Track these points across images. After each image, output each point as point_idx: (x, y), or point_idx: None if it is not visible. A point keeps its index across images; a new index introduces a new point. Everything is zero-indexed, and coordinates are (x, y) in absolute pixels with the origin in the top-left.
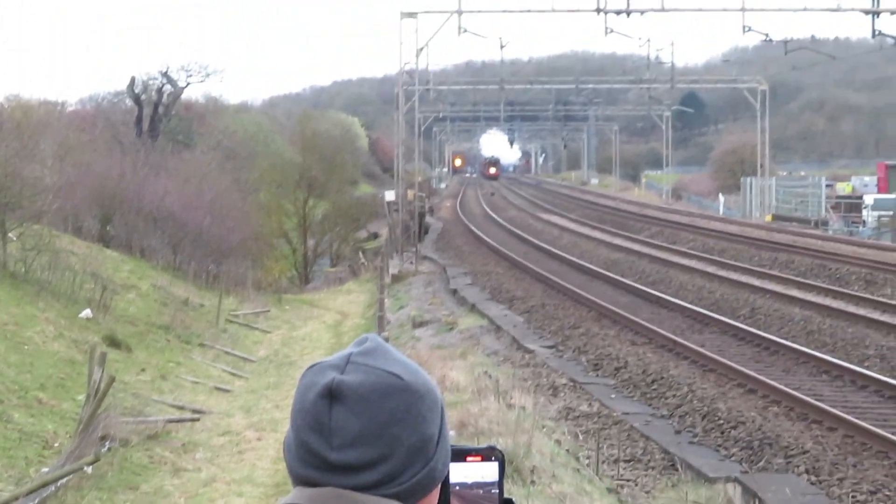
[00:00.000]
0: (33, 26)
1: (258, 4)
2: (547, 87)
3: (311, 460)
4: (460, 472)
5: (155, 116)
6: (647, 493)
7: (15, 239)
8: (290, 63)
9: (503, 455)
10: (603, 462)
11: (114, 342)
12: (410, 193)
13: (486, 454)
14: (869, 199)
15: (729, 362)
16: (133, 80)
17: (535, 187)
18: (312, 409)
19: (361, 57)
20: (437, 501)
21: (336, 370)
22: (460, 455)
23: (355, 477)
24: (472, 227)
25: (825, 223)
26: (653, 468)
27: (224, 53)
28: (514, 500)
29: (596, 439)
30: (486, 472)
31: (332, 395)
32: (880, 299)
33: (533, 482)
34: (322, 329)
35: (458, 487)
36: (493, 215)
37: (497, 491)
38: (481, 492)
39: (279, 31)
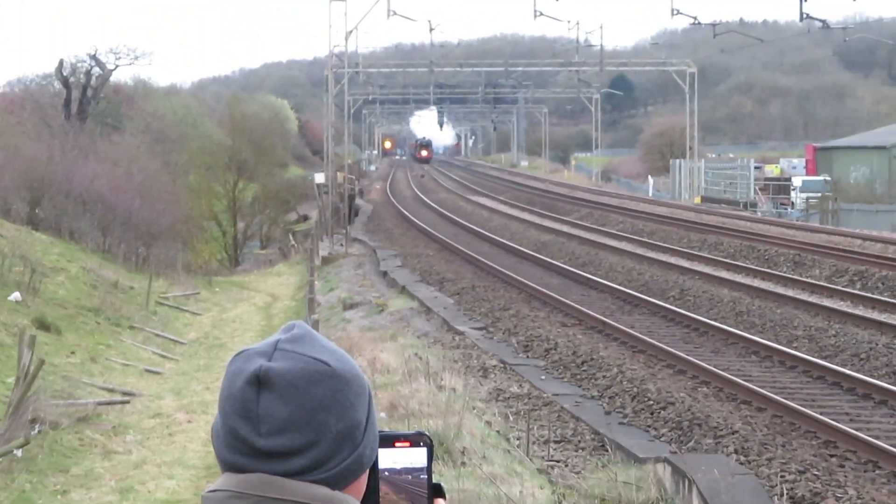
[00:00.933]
0: None
1: None
2: (476, 70)
3: (239, 447)
4: (389, 458)
5: (83, 99)
6: (577, 473)
7: None
8: (220, 45)
9: (431, 440)
10: (533, 443)
11: (43, 325)
12: (340, 176)
13: (415, 440)
14: (797, 182)
15: (658, 343)
16: (61, 63)
17: (465, 169)
18: (240, 396)
19: (291, 39)
20: (365, 487)
21: (263, 357)
22: (389, 441)
23: (284, 463)
24: (403, 210)
25: (754, 205)
26: (583, 449)
27: (153, 36)
28: (442, 484)
29: (526, 420)
30: (414, 457)
31: (260, 381)
32: (808, 280)
33: (464, 463)
34: (252, 311)
35: (386, 473)
36: (424, 197)
37: (426, 476)
38: (410, 477)
39: (208, 12)
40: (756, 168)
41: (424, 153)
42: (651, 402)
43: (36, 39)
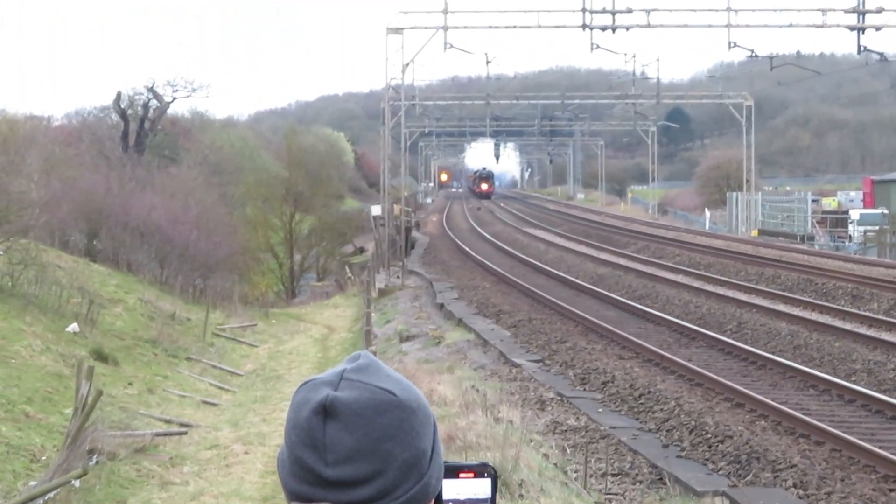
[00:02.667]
0: (20, 40)
1: (245, 20)
2: (533, 103)
3: (305, 476)
4: (453, 489)
5: (141, 131)
6: None
7: (2, 253)
8: (276, 78)
9: (496, 472)
10: (591, 476)
11: (101, 356)
12: (397, 208)
13: (479, 470)
14: (855, 215)
15: (716, 377)
16: (119, 95)
17: (522, 202)
18: (307, 426)
19: (347, 72)
20: None
21: (330, 387)
22: (453, 471)
23: (350, 492)
24: (459, 242)
25: (811, 238)
26: (640, 482)
27: (210, 68)
28: None
29: (584, 453)
30: (478, 488)
31: (326, 411)
32: (867, 314)
33: (521, 496)
34: (309, 343)
35: (451, 503)
36: (480, 230)
37: None
38: None
39: (265, 45)
40: (813, 201)
41: (485, 186)
42: (709, 436)
43: (94, 71)
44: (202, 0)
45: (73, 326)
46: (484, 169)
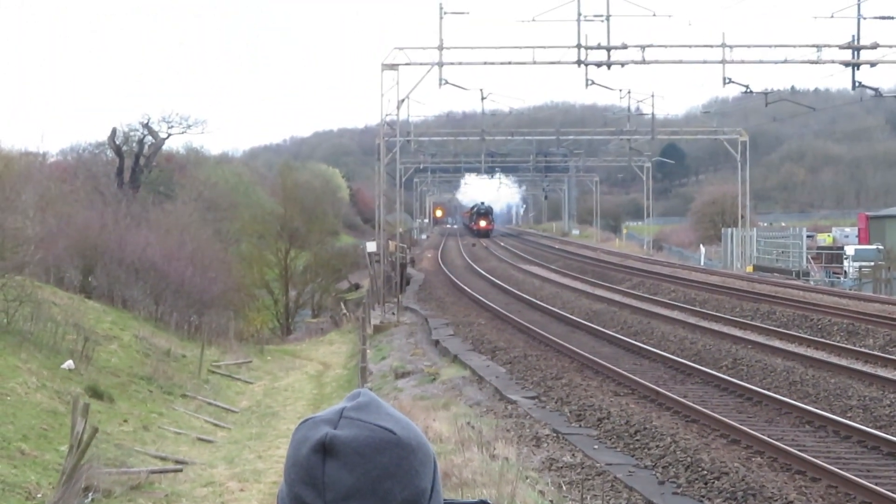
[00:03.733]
0: (15, 76)
1: (239, 56)
2: (528, 138)
3: None
4: None
5: (136, 167)
6: None
7: None
8: (271, 114)
9: None
10: None
11: (96, 393)
12: (392, 244)
13: None
14: (850, 250)
15: (712, 413)
16: (114, 131)
17: (516, 238)
18: (306, 464)
19: (342, 108)
20: None
21: (329, 425)
22: None
23: None
24: (454, 278)
25: (806, 274)
26: None
27: (205, 104)
28: None
29: (580, 490)
30: None
31: (326, 449)
32: (862, 350)
33: None
34: (304, 380)
35: None
36: (475, 266)
37: None
38: None
39: (260, 81)
40: (808, 237)
41: (483, 223)
42: (705, 472)
43: (89, 107)
44: (198, 35)
45: (69, 363)
46: (482, 204)
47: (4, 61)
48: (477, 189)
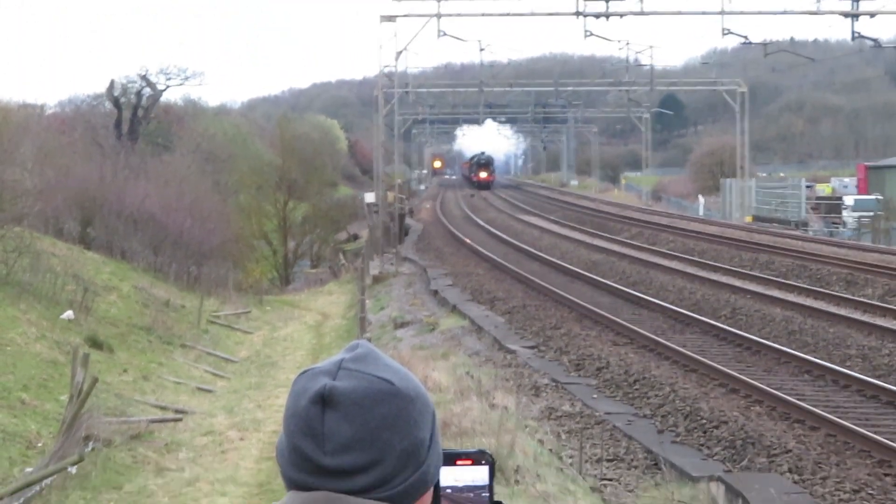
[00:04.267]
0: (9, 28)
1: (239, 8)
2: (526, 90)
3: (304, 465)
4: (451, 476)
5: (134, 119)
6: (630, 492)
7: None
8: (269, 66)
9: (493, 459)
10: (586, 461)
11: (96, 343)
12: (390, 195)
13: (477, 458)
14: (849, 200)
15: (711, 362)
16: (112, 84)
17: (515, 189)
18: (305, 415)
19: (340, 59)
20: None
21: (328, 376)
22: (451, 459)
23: (348, 481)
24: (453, 229)
25: (805, 224)
26: (636, 467)
27: (204, 56)
28: (503, 503)
29: (579, 439)
30: (476, 475)
31: (325, 400)
32: (861, 299)
33: (517, 482)
34: (303, 330)
35: (448, 491)
36: (473, 217)
37: (487, 494)
38: (472, 495)
39: (258, 33)
40: (807, 187)
41: (484, 174)
42: (704, 421)
43: (87, 59)
44: None
45: (68, 314)
46: (483, 154)
47: (3, 13)
48: (475, 140)
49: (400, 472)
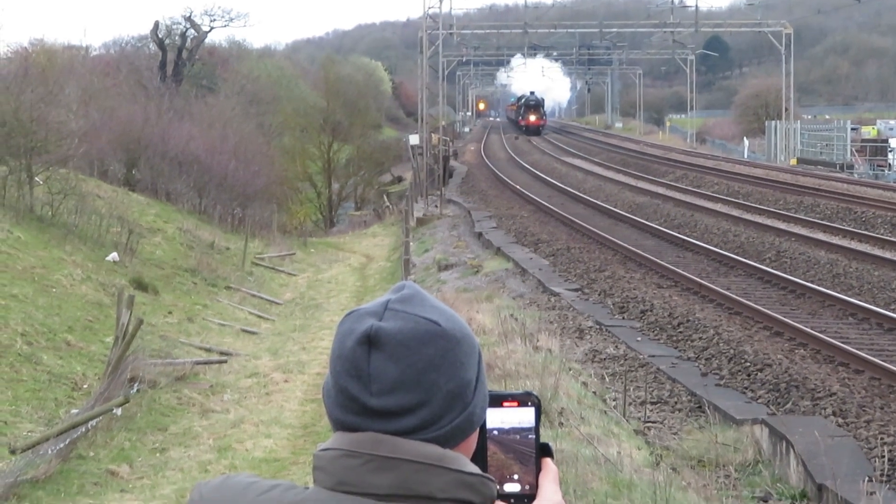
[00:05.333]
0: None
1: None
2: (571, 31)
3: (350, 406)
4: (497, 418)
5: (179, 61)
6: (674, 434)
7: (41, 183)
8: (313, 7)
9: (539, 401)
10: (630, 404)
11: (140, 285)
12: (435, 137)
13: (523, 400)
14: (894, 143)
15: (755, 305)
16: (157, 25)
17: (559, 131)
18: (351, 356)
19: (384, 1)
20: (475, 446)
21: (374, 317)
22: (497, 400)
23: (395, 422)
24: (497, 171)
25: (850, 167)
26: (679, 410)
27: None
28: (550, 444)
29: (623, 381)
30: (522, 417)
31: (371, 341)
32: None
33: (561, 424)
34: (347, 272)
35: (495, 432)
36: (518, 159)
37: (534, 436)
38: (518, 437)
39: None
40: (852, 129)
41: (533, 118)
42: (748, 364)
43: (131, 1)
44: None
45: (113, 255)
46: (532, 94)
47: None
48: (520, 79)
49: (446, 412)
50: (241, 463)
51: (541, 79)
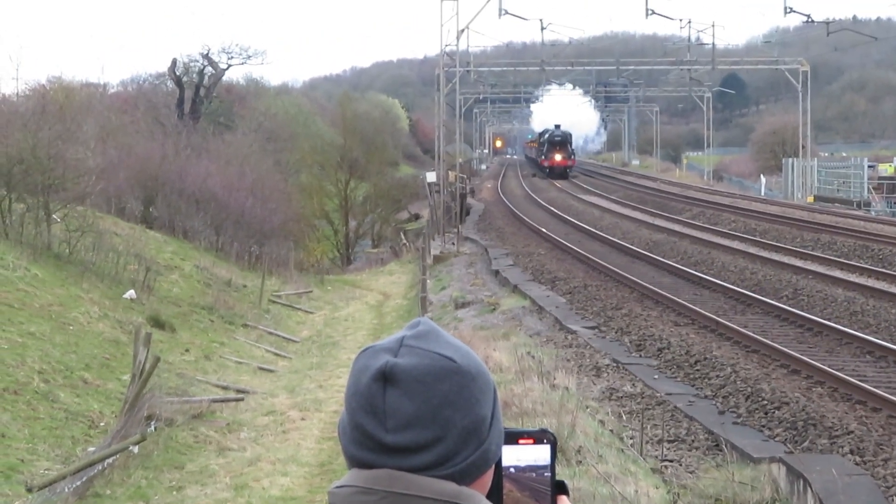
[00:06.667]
0: (73, 6)
1: None
2: (587, 69)
3: (366, 442)
4: (513, 455)
5: (196, 98)
6: (691, 473)
7: (59, 220)
8: (331, 45)
9: (555, 438)
10: (647, 442)
11: (157, 323)
12: (452, 175)
13: (539, 437)
14: None
15: (772, 343)
16: (174, 62)
17: (576, 168)
18: (367, 392)
19: (402, 38)
20: (490, 483)
21: (389, 353)
22: (513, 438)
23: (410, 459)
24: (514, 208)
25: (867, 204)
26: (697, 448)
27: (264, 35)
28: (566, 482)
29: (640, 419)
30: (538, 454)
31: (386, 378)
32: None
33: (578, 462)
34: (364, 309)
35: (511, 470)
36: (534, 196)
37: (549, 474)
38: (534, 474)
39: (319, 12)
40: (870, 167)
41: (558, 157)
42: (765, 402)
43: (149, 39)
44: None
45: (130, 293)
46: (557, 129)
47: None
48: (543, 111)
49: (461, 449)
50: (258, 501)
51: (568, 111)
